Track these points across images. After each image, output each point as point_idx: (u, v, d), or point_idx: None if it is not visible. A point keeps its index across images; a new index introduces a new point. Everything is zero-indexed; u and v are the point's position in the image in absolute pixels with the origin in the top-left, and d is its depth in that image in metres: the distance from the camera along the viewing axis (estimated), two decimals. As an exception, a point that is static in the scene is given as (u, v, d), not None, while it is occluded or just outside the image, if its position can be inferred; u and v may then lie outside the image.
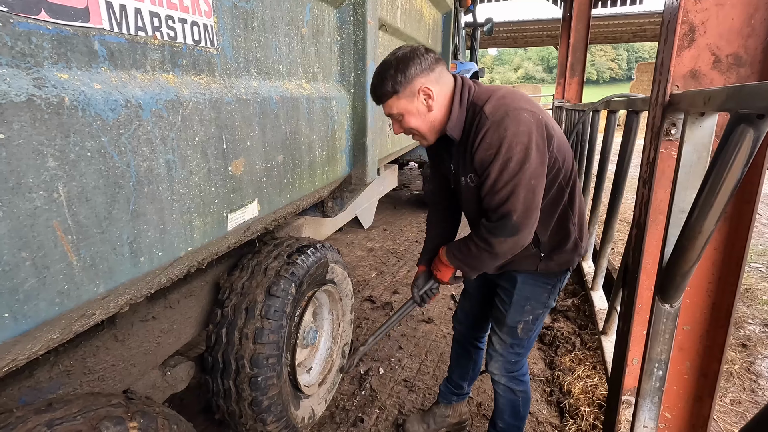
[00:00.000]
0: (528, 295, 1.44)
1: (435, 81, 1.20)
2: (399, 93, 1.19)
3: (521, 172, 1.13)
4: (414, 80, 1.18)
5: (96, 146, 0.69)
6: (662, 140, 1.13)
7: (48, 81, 0.63)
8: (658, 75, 1.16)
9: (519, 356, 1.54)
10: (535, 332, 1.51)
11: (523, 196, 1.15)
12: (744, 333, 2.75)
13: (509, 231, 1.19)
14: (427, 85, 1.19)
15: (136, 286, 0.85)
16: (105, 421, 0.80)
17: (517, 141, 1.11)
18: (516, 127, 1.11)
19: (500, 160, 1.13)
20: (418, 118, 1.23)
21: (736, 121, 0.71)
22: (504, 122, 1.12)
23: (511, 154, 1.12)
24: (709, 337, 1.18)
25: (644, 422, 1.19)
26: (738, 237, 1.09)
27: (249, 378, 1.46)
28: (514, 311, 1.46)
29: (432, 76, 1.20)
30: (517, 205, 1.16)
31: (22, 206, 0.59)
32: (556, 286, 1.46)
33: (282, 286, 1.53)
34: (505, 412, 1.62)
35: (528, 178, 1.14)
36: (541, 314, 1.48)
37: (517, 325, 1.47)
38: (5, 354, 0.63)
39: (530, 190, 1.15)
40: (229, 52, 1.04)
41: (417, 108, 1.21)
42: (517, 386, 1.58)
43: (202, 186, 0.94)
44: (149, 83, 0.81)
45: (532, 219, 1.19)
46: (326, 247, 1.81)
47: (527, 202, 1.16)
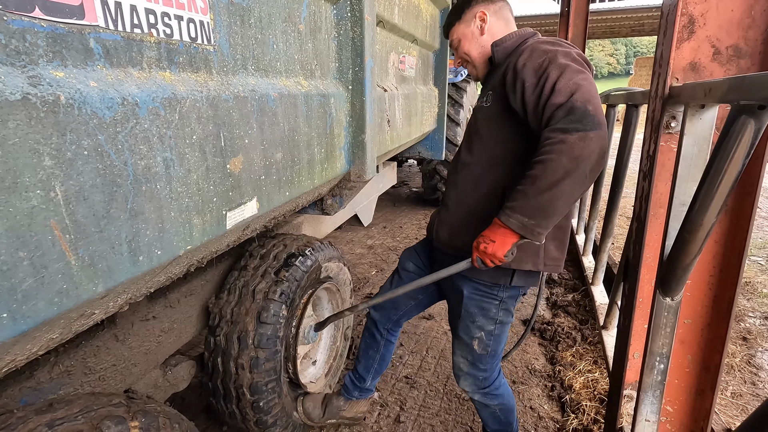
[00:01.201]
0: (475, 310, 1.38)
1: (493, 12, 1.32)
2: (461, 18, 1.35)
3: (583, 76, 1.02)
4: (474, 7, 1.33)
5: (93, 145, 0.69)
6: (662, 133, 1.12)
7: (43, 79, 0.63)
8: (658, 68, 1.15)
9: (485, 372, 1.48)
10: (495, 347, 1.44)
11: (594, 91, 1.01)
12: (744, 326, 2.75)
13: (589, 121, 0.96)
14: (484, 11, 1.32)
15: (135, 285, 0.85)
16: (106, 420, 0.80)
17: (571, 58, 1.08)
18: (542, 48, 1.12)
19: (556, 64, 1.04)
20: (471, 42, 1.34)
21: (738, 112, 0.71)
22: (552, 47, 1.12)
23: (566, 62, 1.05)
24: (710, 330, 1.18)
25: (646, 416, 1.19)
26: (739, 229, 1.08)
27: (251, 403, 1.49)
28: (464, 326, 1.41)
29: (491, 7, 1.33)
30: (589, 95, 0.98)
31: (19, 205, 0.59)
32: (505, 301, 1.36)
33: (272, 311, 1.50)
34: (489, 421, 1.62)
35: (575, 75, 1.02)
36: (494, 330, 1.39)
37: (471, 342, 1.41)
38: (4, 354, 0.63)
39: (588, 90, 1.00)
40: (226, 49, 1.03)
41: (472, 31, 1.34)
42: (491, 401, 1.54)
43: (201, 184, 0.94)
44: (146, 81, 0.80)
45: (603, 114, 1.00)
46: (316, 248, 1.76)
47: (593, 95, 1.00)
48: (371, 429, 1.93)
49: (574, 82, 1.01)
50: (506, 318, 1.40)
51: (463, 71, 5.15)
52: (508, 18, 1.35)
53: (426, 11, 3.12)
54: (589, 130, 0.96)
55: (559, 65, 1.05)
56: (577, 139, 0.95)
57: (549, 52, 1.10)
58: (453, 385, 2.22)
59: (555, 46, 1.14)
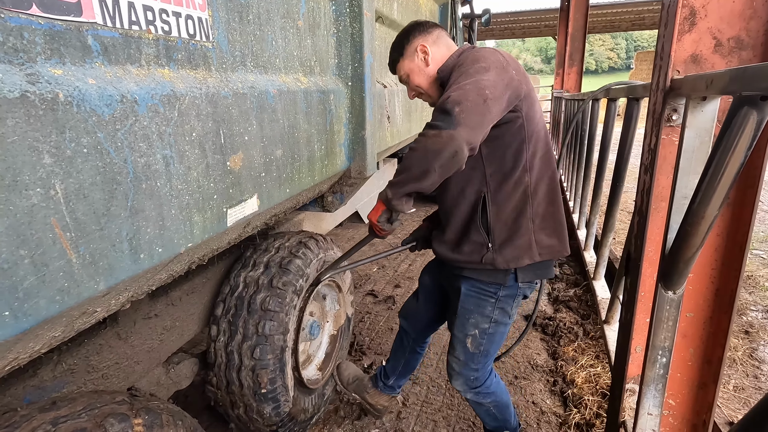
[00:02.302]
0: (471, 307, 1.39)
1: (432, 42, 1.36)
2: (403, 55, 1.39)
3: (476, 77, 1.10)
4: (413, 41, 1.37)
5: (92, 142, 0.69)
6: (663, 126, 1.12)
7: (41, 77, 0.62)
8: (659, 60, 1.15)
9: (477, 372, 1.49)
10: (488, 347, 1.44)
11: (473, 96, 1.07)
12: (746, 320, 2.75)
13: (448, 121, 1.05)
14: (424, 44, 1.35)
15: (136, 282, 0.85)
16: (110, 418, 0.80)
17: (482, 57, 1.17)
18: (484, 52, 1.21)
19: (461, 69, 1.17)
20: (420, 75, 1.38)
21: (740, 103, 0.70)
22: (477, 51, 1.23)
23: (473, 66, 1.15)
24: (712, 324, 1.18)
25: (648, 409, 1.19)
26: (741, 222, 1.08)
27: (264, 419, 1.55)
28: (460, 323, 1.43)
29: (429, 38, 1.37)
30: (463, 98, 1.06)
31: (19, 204, 0.59)
32: (502, 300, 1.37)
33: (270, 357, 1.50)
34: (485, 419, 1.65)
35: (483, 85, 1.08)
36: (488, 329, 1.40)
37: (465, 339, 1.43)
38: (7, 352, 0.63)
39: (482, 95, 1.07)
40: (224, 46, 1.02)
41: (417, 65, 1.37)
42: (483, 399, 1.55)
43: (201, 181, 0.94)
44: (144, 78, 0.80)
45: (475, 123, 1.05)
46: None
47: (475, 101, 1.06)
48: (374, 426, 1.93)
49: (461, 85, 1.10)
50: (502, 318, 1.40)
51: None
52: (448, 43, 1.39)
53: (425, 6, 3.11)
54: (443, 128, 1.06)
55: (461, 70, 1.16)
56: (432, 135, 1.08)
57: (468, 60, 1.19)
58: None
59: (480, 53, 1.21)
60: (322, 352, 2.01)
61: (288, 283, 1.55)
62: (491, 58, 1.18)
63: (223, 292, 1.57)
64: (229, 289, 1.56)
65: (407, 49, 1.38)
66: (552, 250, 1.33)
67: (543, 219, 1.31)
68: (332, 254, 1.85)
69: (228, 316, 1.52)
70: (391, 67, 1.45)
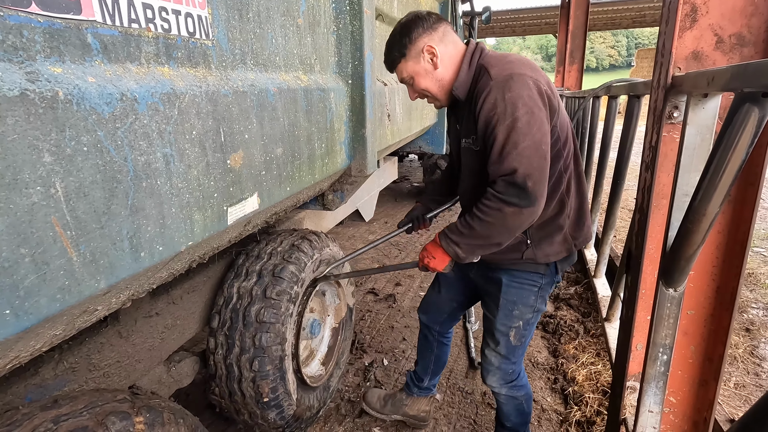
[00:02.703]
0: (514, 298, 1.38)
1: (439, 40, 1.24)
2: (406, 56, 1.25)
3: (530, 133, 1.06)
4: (417, 41, 1.23)
5: (92, 141, 0.69)
6: (664, 123, 1.11)
7: (41, 75, 0.62)
8: (660, 57, 1.14)
9: (515, 365, 1.49)
10: (527, 338, 1.46)
11: (536, 160, 1.07)
12: (747, 317, 2.75)
13: (525, 198, 1.07)
14: (431, 44, 1.23)
15: (137, 281, 0.85)
16: (111, 416, 0.80)
17: (522, 102, 1.08)
18: (518, 91, 1.09)
19: (506, 121, 1.07)
20: (427, 78, 1.27)
21: (741, 100, 0.70)
22: (507, 83, 1.10)
23: (517, 114, 1.07)
24: (713, 321, 1.18)
25: (649, 407, 1.19)
26: (742, 220, 1.08)
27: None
28: (503, 316, 1.40)
29: (435, 36, 1.24)
30: (531, 169, 1.06)
31: (20, 202, 0.59)
32: (543, 288, 1.38)
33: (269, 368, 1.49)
34: (511, 414, 1.60)
35: (538, 140, 1.07)
36: (531, 319, 1.41)
37: (508, 332, 1.41)
38: (8, 351, 0.63)
39: (542, 155, 1.08)
40: (224, 44, 1.02)
41: (424, 68, 1.25)
42: (517, 392, 1.55)
43: (201, 180, 0.94)
44: (144, 76, 0.80)
45: (545, 187, 1.10)
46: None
47: (540, 166, 1.08)
48: (375, 424, 1.94)
49: (523, 147, 1.06)
50: (542, 306, 1.41)
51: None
52: (454, 39, 1.27)
53: (425, 4, 3.10)
54: (523, 207, 1.08)
55: (509, 123, 1.07)
56: (511, 212, 1.09)
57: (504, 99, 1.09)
58: (456, 378, 2.23)
59: (507, 84, 1.10)
60: (324, 346, 2.01)
61: (282, 293, 1.52)
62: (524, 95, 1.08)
63: (218, 304, 1.54)
64: (224, 301, 1.53)
65: (410, 49, 1.24)
66: (584, 239, 1.37)
67: (576, 212, 1.33)
68: (328, 251, 1.80)
69: (224, 329, 1.51)
70: (390, 66, 1.32)
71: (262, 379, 1.49)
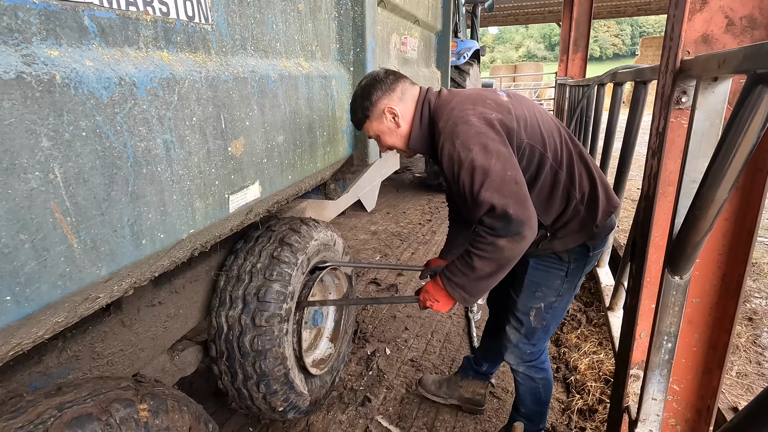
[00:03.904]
0: (539, 280, 1.40)
1: (398, 99, 1.30)
2: (369, 117, 1.32)
3: (491, 167, 1.10)
4: (378, 103, 1.29)
5: (91, 126, 0.67)
6: (672, 109, 1.09)
7: (37, 58, 0.61)
8: (668, 41, 1.12)
9: (534, 347, 1.49)
10: (551, 322, 1.46)
11: (507, 188, 1.10)
12: (750, 306, 2.74)
13: (513, 226, 1.09)
14: (391, 105, 1.29)
15: (139, 268, 0.84)
16: (115, 403, 0.80)
17: (472, 142, 1.12)
18: (465, 134, 1.13)
19: (465, 167, 1.11)
20: (392, 136, 1.34)
21: (754, 82, 0.68)
22: (453, 132, 1.15)
23: (471, 156, 1.11)
24: (718, 309, 1.17)
25: (653, 394, 1.19)
26: (750, 207, 1.06)
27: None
28: (525, 296, 1.43)
29: (394, 96, 1.30)
30: (505, 199, 1.09)
31: (18, 187, 0.58)
32: (572, 273, 1.39)
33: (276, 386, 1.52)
34: (527, 399, 1.60)
35: (501, 170, 1.10)
36: (554, 303, 1.42)
37: (528, 311, 1.43)
38: (10, 337, 0.63)
39: (511, 180, 1.10)
40: (224, 29, 1.00)
41: (388, 127, 1.32)
42: (536, 374, 1.55)
43: (202, 167, 0.93)
44: (143, 61, 0.79)
45: (529, 210, 1.11)
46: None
47: (513, 191, 1.10)
48: (377, 411, 1.95)
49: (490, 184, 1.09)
50: (569, 291, 1.42)
51: (466, 54, 5.07)
52: (412, 93, 1.32)
53: (428, -9, 3.05)
54: (515, 234, 1.09)
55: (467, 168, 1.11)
56: (506, 243, 1.10)
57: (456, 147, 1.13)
58: (458, 367, 2.24)
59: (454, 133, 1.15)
60: (330, 322, 2.01)
61: (272, 317, 1.47)
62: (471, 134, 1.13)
63: (210, 334, 1.52)
64: (216, 332, 1.50)
65: (372, 111, 1.30)
66: (605, 213, 1.34)
67: (589, 194, 1.32)
68: (315, 243, 1.68)
69: (224, 359, 1.52)
70: (357, 126, 1.38)
71: (271, 395, 1.53)
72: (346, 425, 1.88)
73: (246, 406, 1.61)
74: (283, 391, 1.56)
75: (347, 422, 1.89)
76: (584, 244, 1.35)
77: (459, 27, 5.41)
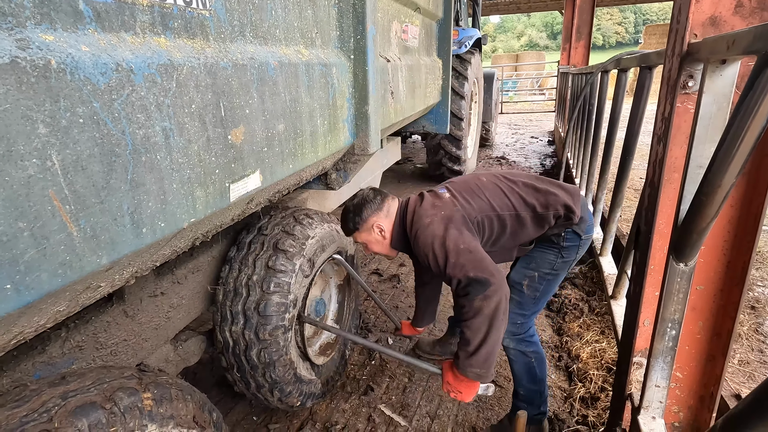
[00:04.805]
0: (535, 255, 1.56)
1: (384, 216, 1.54)
2: (359, 230, 1.56)
3: (453, 250, 1.32)
4: (368, 220, 1.54)
5: (88, 112, 0.66)
6: (679, 94, 1.07)
7: (32, 42, 0.60)
8: (675, 24, 1.09)
9: (524, 317, 1.60)
10: (541, 294, 1.57)
11: (469, 259, 1.29)
12: (753, 295, 2.74)
13: (486, 284, 1.26)
14: (379, 223, 1.54)
15: (140, 257, 0.84)
16: (119, 392, 0.81)
17: (432, 240, 1.36)
18: (424, 234, 1.39)
19: (431, 256, 1.36)
20: (377, 245, 1.59)
21: (764, 62, 0.67)
22: (416, 235, 1.42)
23: (432, 247, 1.36)
24: (723, 296, 1.16)
25: (656, 382, 1.19)
26: (756, 192, 1.05)
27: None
28: (521, 266, 1.60)
29: (381, 214, 1.54)
30: (470, 267, 1.28)
31: (15, 174, 0.57)
32: (566, 249, 1.52)
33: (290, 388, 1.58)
34: (523, 378, 1.63)
35: (462, 249, 1.32)
36: (547, 275, 1.55)
37: (522, 280, 1.57)
38: (11, 326, 0.62)
39: (469, 251, 1.31)
40: (222, 15, 0.99)
41: (375, 238, 1.57)
42: (527, 348, 1.60)
43: (202, 155, 0.92)
44: (140, 47, 0.77)
45: (488, 267, 1.29)
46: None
47: (475, 259, 1.30)
48: (380, 399, 1.96)
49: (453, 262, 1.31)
50: (563, 269, 1.56)
51: (468, 42, 5.01)
52: (393, 209, 1.56)
53: (428, -23, 3.00)
54: (489, 290, 1.25)
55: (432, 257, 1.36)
56: (481, 300, 1.25)
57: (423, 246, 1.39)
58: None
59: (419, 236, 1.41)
60: (334, 304, 2.03)
61: (275, 329, 1.46)
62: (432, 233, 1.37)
63: (218, 347, 1.53)
64: (222, 345, 1.51)
65: (363, 225, 1.54)
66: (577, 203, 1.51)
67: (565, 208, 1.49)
68: (312, 242, 1.61)
69: (234, 371, 1.55)
70: (346, 233, 1.62)
71: (287, 397, 1.60)
72: (349, 414, 1.89)
73: (265, 406, 1.68)
74: (297, 389, 1.61)
75: (350, 411, 1.91)
76: (572, 230, 1.51)
77: (460, 15, 5.34)
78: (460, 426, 1.82)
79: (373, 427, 1.82)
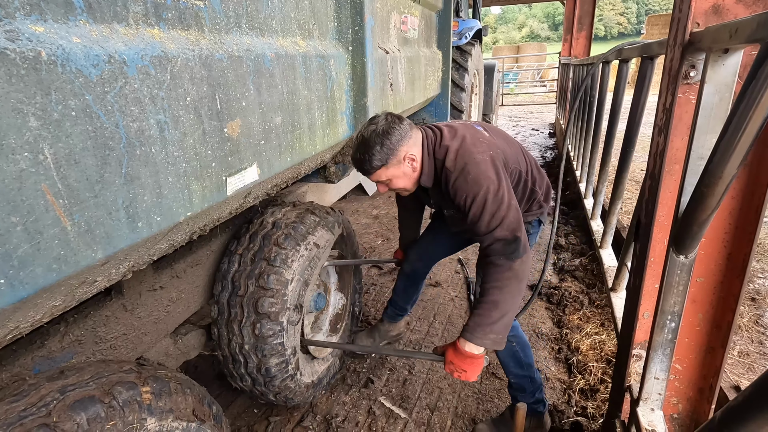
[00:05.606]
0: None
1: (414, 145, 1.36)
2: (387, 164, 1.33)
3: (502, 202, 1.24)
4: (398, 150, 1.33)
5: (80, 105, 0.65)
6: (680, 84, 1.06)
7: (22, 34, 0.59)
8: (677, 13, 1.08)
9: None
10: None
11: (512, 216, 1.25)
12: (753, 287, 2.74)
13: (520, 247, 1.23)
14: (411, 152, 1.35)
15: (136, 252, 0.83)
16: (117, 386, 0.81)
17: (483, 181, 1.25)
18: (476, 172, 1.26)
19: (479, 202, 1.25)
20: (405, 179, 1.40)
21: (767, 51, 0.65)
22: (464, 170, 1.28)
23: (485, 193, 1.24)
24: (723, 288, 1.16)
25: (655, 374, 1.19)
26: (758, 184, 1.04)
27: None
28: None
29: (411, 142, 1.35)
30: (513, 225, 1.24)
31: (7, 168, 0.56)
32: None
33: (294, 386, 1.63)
34: (510, 364, 1.63)
35: (508, 200, 1.25)
36: None
37: None
38: (6, 321, 0.62)
39: (513, 207, 1.26)
40: (217, 5, 0.97)
41: (404, 172, 1.37)
42: None
43: (198, 148, 0.91)
44: (133, 38, 0.76)
45: (523, 228, 1.27)
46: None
47: (517, 217, 1.25)
48: (381, 393, 1.97)
49: (501, 215, 1.24)
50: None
51: (468, 34, 4.97)
52: (418, 136, 1.38)
53: (428, -33, 2.96)
54: (522, 254, 1.23)
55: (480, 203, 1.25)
56: (518, 265, 1.23)
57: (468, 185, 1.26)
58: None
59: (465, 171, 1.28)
60: (333, 277, 2.08)
61: (275, 347, 1.49)
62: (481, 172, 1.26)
63: (223, 362, 1.60)
64: (225, 360, 1.57)
65: (392, 158, 1.32)
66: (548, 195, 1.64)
67: (545, 189, 1.62)
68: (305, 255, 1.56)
69: (244, 382, 1.61)
70: (366, 173, 1.37)
71: (296, 398, 1.68)
72: (349, 406, 1.90)
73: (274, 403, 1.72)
74: (299, 388, 1.66)
75: (351, 403, 1.92)
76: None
77: (460, 6, 5.29)
78: (459, 418, 1.83)
79: (373, 419, 1.83)
